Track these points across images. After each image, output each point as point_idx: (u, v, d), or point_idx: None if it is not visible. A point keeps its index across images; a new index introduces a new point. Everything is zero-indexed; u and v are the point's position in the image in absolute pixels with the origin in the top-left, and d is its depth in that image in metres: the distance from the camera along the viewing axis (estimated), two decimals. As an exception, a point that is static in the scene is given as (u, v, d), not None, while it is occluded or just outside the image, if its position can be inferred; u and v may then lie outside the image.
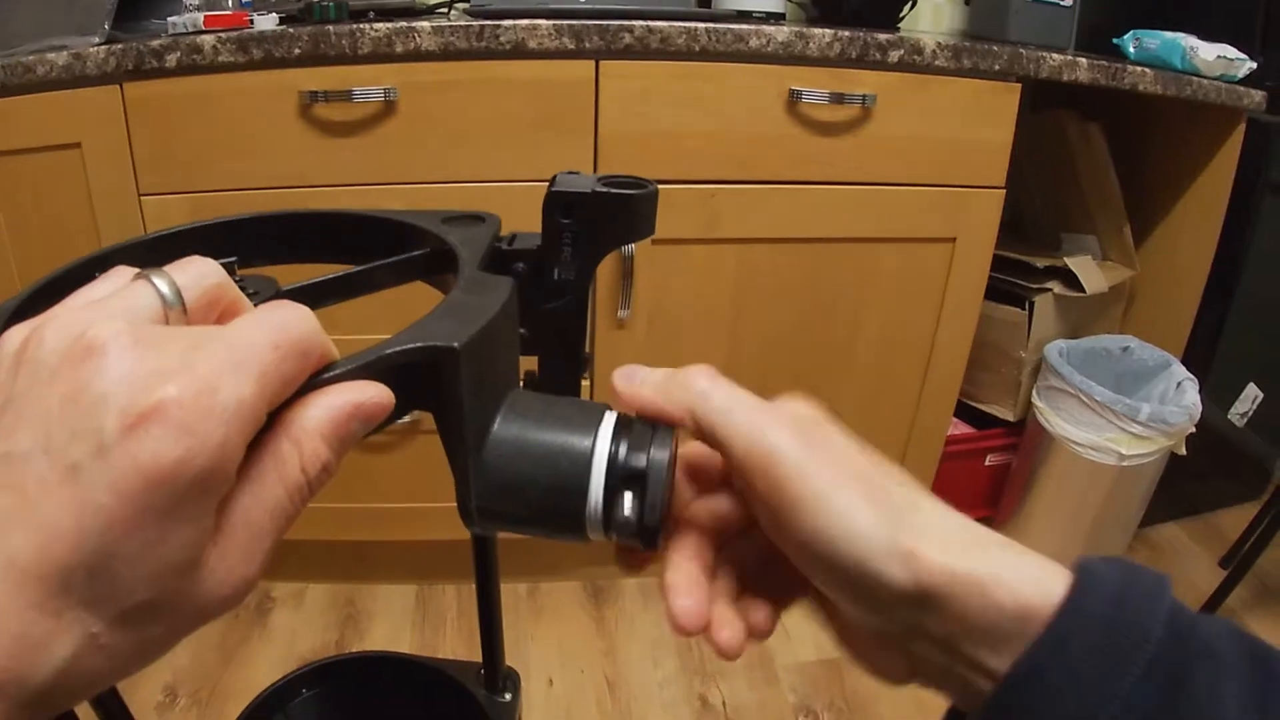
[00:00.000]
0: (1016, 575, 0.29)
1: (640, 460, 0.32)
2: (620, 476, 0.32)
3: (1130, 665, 0.27)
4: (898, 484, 0.32)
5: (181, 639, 0.25)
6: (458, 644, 1.58)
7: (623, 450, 0.32)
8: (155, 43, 1.20)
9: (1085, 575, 0.29)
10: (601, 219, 0.41)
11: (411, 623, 1.62)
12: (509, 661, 0.73)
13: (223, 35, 1.20)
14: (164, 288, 0.26)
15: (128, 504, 0.21)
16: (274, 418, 0.25)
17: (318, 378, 0.27)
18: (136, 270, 0.27)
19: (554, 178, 0.42)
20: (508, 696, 0.71)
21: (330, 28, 1.21)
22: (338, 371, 0.27)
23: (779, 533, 0.32)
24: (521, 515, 0.33)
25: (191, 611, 0.24)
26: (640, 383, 0.34)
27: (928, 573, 0.29)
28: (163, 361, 0.22)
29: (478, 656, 0.71)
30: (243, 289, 0.30)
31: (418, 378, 0.29)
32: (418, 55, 1.24)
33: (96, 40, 1.22)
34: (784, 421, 0.32)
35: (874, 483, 0.31)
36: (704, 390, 0.33)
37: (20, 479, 0.22)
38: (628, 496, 0.32)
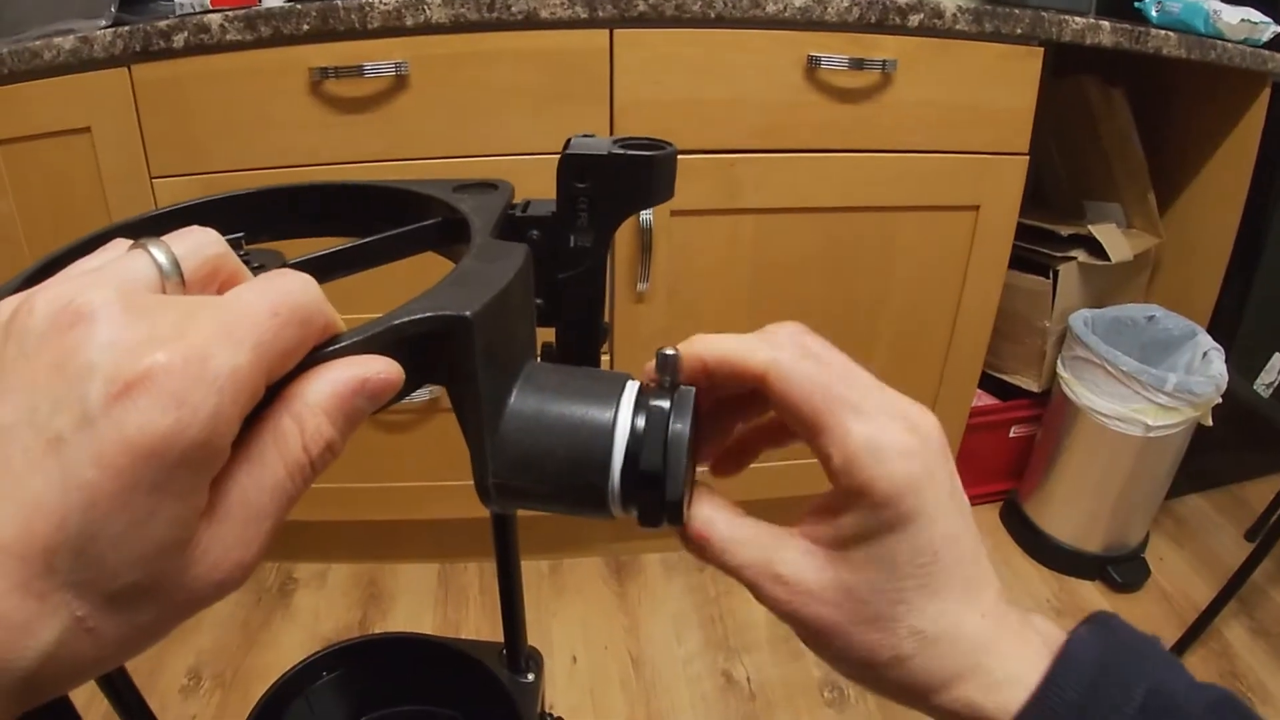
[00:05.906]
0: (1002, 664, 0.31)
1: (659, 434, 0.30)
2: (642, 450, 0.30)
3: None
4: None
5: (174, 626, 0.24)
6: (481, 622, 1.58)
7: (642, 422, 0.31)
8: (162, 24, 1.18)
9: (1049, 677, 0.30)
10: (618, 182, 0.40)
11: (434, 601, 1.63)
12: (532, 640, 0.72)
13: (230, 14, 1.19)
14: (161, 257, 0.25)
15: (113, 478, 0.20)
16: (275, 392, 0.24)
17: (322, 350, 0.25)
18: (133, 241, 0.26)
19: (568, 141, 0.40)
20: (530, 676, 0.70)
21: (339, 2, 1.19)
22: (343, 344, 0.26)
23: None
24: (541, 491, 0.31)
25: (183, 596, 0.23)
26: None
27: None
28: (153, 329, 0.21)
29: (501, 634, 0.71)
30: (247, 263, 0.29)
31: (429, 349, 0.28)
32: (428, 28, 1.22)
33: (103, 23, 1.22)
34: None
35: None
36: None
37: (5, 453, 0.20)
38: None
